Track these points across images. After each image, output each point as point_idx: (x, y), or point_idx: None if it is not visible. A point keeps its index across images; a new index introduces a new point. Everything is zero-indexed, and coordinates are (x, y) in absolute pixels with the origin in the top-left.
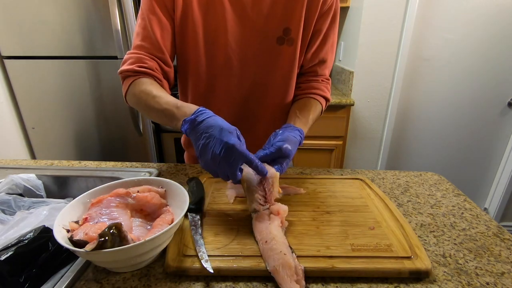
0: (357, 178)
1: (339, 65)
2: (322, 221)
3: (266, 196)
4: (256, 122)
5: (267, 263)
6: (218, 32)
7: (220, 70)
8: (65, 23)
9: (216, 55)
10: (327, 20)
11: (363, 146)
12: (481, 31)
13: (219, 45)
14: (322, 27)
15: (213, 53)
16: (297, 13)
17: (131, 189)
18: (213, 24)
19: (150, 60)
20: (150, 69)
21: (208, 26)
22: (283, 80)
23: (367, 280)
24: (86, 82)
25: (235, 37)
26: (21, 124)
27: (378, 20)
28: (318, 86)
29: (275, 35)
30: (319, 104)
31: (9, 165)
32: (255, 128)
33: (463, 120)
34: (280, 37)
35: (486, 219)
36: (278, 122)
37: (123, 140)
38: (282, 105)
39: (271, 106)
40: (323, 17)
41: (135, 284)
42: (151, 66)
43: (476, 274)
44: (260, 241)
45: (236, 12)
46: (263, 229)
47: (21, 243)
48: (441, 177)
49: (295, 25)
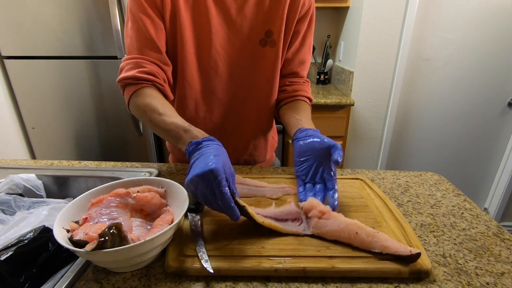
0: (357, 178)
1: (339, 65)
2: None
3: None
4: (243, 122)
5: (373, 250)
6: (204, 35)
7: (207, 72)
8: (65, 23)
9: (202, 57)
10: (305, 22)
11: (363, 146)
12: (481, 31)
13: (204, 47)
14: (301, 29)
15: (199, 55)
16: (278, 16)
17: (131, 189)
18: (199, 26)
19: (149, 64)
20: (151, 73)
21: (194, 28)
22: (266, 81)
23: (367, 280)
24: (86, 82)
25: (219, 40)
26: (21, 124)
27: (378, 20)
28: (302, 87)
29: (258, 37)
30: (307, 105)
31: (9, 165)
32: (242, 128)
33: (463, 120)
34: (263, 39)
35: (486, 219)
36: (263, 122)
37: (123, 140)
38: (267, 106)
39: (256, 106)
40: (301, 20)
41: (135, 284)
42: (151, 70)
43: (476, 274)
44: (350, 237)
45: (220, 15)
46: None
47: (21, 243)
48: (441, 177)
49: (276, 28)
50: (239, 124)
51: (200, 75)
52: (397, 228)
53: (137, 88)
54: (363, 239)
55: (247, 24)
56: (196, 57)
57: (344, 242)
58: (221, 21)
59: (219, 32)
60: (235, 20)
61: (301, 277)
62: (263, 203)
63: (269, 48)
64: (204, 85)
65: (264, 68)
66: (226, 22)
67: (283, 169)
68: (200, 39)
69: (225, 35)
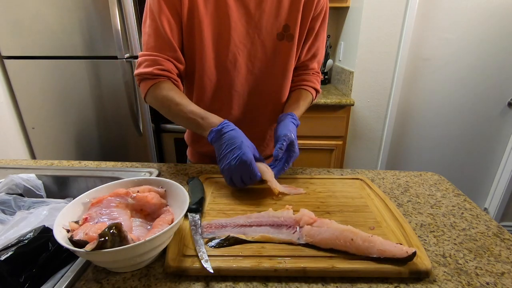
0: (357, 178)
1: (339, 65)
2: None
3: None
4: (260, 114)
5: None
6: (223, 29)
7: (226, 66)
8: (65, 23)
9: (221, 52)
10: (319, 19)
11: (363, 146)
12: (481, 31)
13: (223, 41)
14: (315, 25)
15: (218, 50)
16: (295, 10)
17: (131, 189)
18: (218, 21)
19: (166, 61)
20: (168, 71)
21: (213, 24)
22: (282, 73)
23: (367, 280)
24: (86, 82)
25: (238, 34)
26: (21, 124)
27: (378, 20)
28: (309, 78)
29: (276, 31)
30: (309, 94)
31: (9, 165)
32: (259, 119)
33: (463, 120)
34: (280, 33)
35: (486, 219)
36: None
37: (123, 140)
38: (282, 97)
39: (272, 98)
40: (317, 17)
41: (135, 284)
42: (168, 67)
43: (476, 274)
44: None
45: (240, 10)
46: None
47: (21, 243)
48: (441, 177)
49: (293, 23)
50: (257, 115)
51: (219, 69)
52: (397, 228)
53: (154, 82)
54: (359, 245)
55: (265, 19)
56: (214, 51)
57: (340, 249)
58: (240, 15)
59: (238, 26)
60: (254, 15)
61: (301, 277)
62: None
63: (287, 42)
64: (222, 79)
65: (280, 61)
66: (245, 16)
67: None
68: (219, 34)
69: (244, 30)
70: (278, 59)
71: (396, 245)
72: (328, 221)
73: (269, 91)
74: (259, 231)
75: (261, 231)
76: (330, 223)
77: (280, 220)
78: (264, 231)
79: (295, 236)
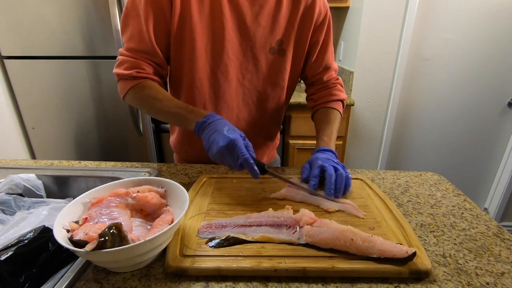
0: (357, 178)
1: (339, 65)
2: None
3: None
4: (251, 126)
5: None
6: (217, 41)
7: (217, 77)
8: (65, 23)
9: (214, 63)
10: (323, 30)
11: (363, 146)
12: (481, 31)
13: (217, 53)
14: (320, 38)
15: (211, 60)
16: (290, 26)
17: (131, 189)
18: (212, 32)
19: (147, 65)
20: (148, 74)
21: (207, 33)
22: (273, 87)
23: (367, 280)
24: (86, 82)
25: (232, 46)
26: (21, 124)
27: (378, 20)
28: (329, 92)
29: (269, 46)
30: (336, 112)
31: (9, 165)
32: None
33: (463, 120)
34: (273, 47)
35: (486, 219)
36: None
37: (123, 140)
38: (274, 111)
39: (263, 111)
40: (319, 28)
41: (135, 284)
42: (148, 71)
43: (476, 274)
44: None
45: (235, 23)
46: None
47: (21, 243)
48: (441, 177)
49: (287, 37)
50: (247, 127)
51: (210, 80)
52: (397, 228)
53: (134, 84)
54: (359, 245)
55: (260, 32)
56: (207, 62)
57: (340, 250)
58: (236, 28)
59: (232, 38)
60: (249, 28)
61: (301, 277)
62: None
63: (278, 56)
64: (213, 90)
65: (271, 75)
66: (240, 29)
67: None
68: (213, 45)
69: (237, 42)
70: (269, 73)
71: (396, 245)
72: (328, 221)
73: (259, 104)
74: (259, 231)
75: (261, 231)
76: (330, 223)
77: (280, 220)
78: (264, 231)
79: (295, 236)
